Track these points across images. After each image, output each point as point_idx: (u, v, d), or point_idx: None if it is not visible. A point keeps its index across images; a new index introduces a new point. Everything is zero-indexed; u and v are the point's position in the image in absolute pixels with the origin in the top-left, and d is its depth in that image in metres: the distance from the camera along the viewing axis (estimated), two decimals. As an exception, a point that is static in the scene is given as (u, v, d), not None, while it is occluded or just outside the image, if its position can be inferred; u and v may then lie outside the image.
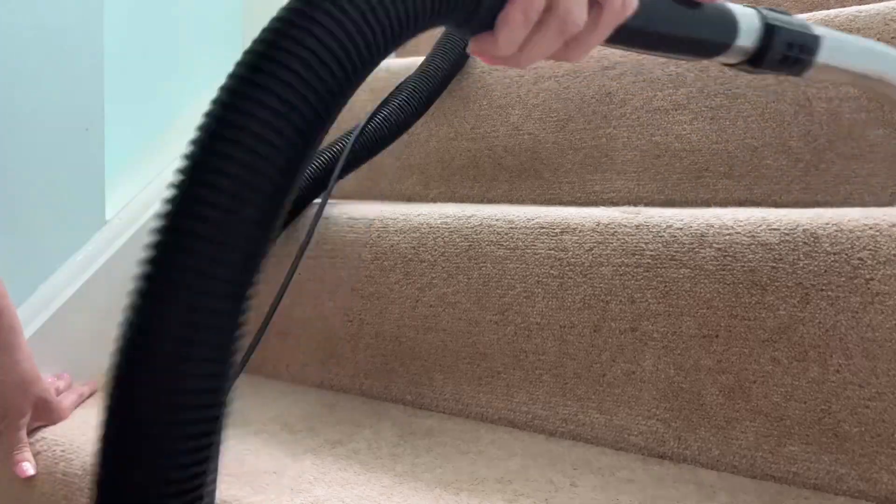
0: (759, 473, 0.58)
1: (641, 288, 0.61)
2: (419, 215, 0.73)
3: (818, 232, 0.55)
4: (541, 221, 0.66)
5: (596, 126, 0.88)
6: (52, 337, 0.80)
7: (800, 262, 0.55)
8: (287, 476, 0.58)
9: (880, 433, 0.54)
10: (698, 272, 0.59)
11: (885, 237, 0.53)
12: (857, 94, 0.74)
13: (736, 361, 0.58)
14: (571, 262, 0.64)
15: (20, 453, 0.67)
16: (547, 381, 0.66)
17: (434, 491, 0.56)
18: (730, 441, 0.59)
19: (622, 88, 0.86)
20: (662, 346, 0.61)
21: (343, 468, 0.60)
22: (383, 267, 0.74)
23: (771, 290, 0.56)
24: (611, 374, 0.63)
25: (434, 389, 0.73)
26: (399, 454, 0.63)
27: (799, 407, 0.56)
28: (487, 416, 0.70)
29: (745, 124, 0.79)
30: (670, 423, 0.61)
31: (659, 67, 0.84)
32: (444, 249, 0.70)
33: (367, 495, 0.55)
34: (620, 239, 0.62)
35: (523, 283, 0.66)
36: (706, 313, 0.59)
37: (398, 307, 0.74)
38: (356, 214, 0.77)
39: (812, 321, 0.55)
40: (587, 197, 0.89)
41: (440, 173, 0.99)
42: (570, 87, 0.89)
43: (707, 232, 0.59)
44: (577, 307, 0.64)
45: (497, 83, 0.95)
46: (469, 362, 0.70)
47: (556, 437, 0.66)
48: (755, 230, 0.57)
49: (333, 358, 0.80)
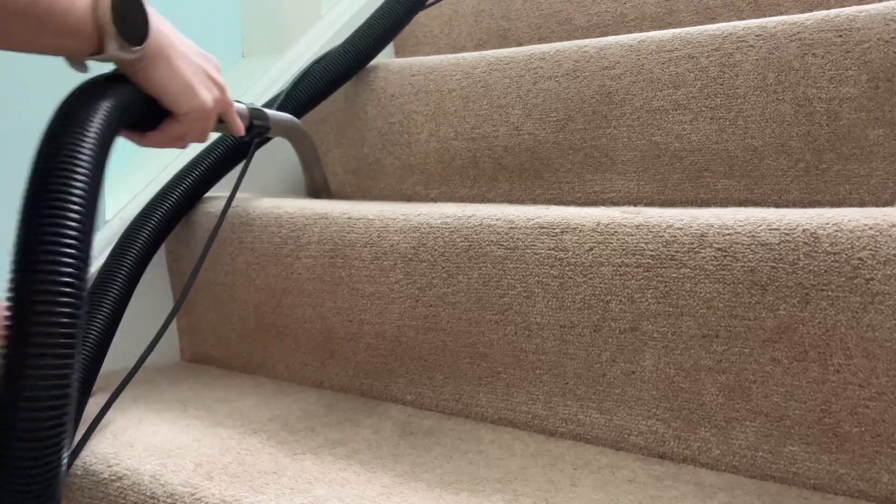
0: (759, 473, 0.58)
1: (641, 288, 0.61)
2: (419, 215, 0.73)
3: (818, 232, 0.55)
4: (541, 221, 0.66)
5: (596, 126, 0.88)
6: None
7: (800, 262, 0.55)
8: (287, 476, 0.58)
9: (880, 433, 0.54)
10: (698, 272, 0.59)
11: (885, 237, 0.53)
12: (857, 93, 0.74)
13: (736, 361, 0.58)
14: (571, 262, 0.64)
15: None
16: (547, 381, 0.66)
17: (434, 491, 0.56)
18: (730, 441, 0.59)
19: (622, 88, 0.86)
20: (662, 346, 0.61)
21: (343, 468, 0.60)
22: (383, 267, 0.74)
23: (771, 290, 0.56)
24: (611, 374, 0.63)
25: (434, 389, 0.73)
26: (399, 454, 0.63)
27: (799, 407, 0.56)
28: (487, 416, 0.70)
29: (745, 124, 0.79)
30: (670, 423, 0.61)
31: (659, 67, 0.84)
32: (444, 249, 0.70)
33: (367, 495, 0.55)
34: (620, 239, 0.62)
35: (523, 283, 0.66)
36: (706, 313, 0.59)
37: (398, 307, 0.74)
38: (356, 214, 0.77)
39: (812, 321, 0.55)
40: (587, 197, 0.89)
41: (440, 173, 1.00)
42: (570, 87, 0.89)
43: (707, 232, 0.59)
44: (577, 307, 0.64)
45: (497, 83, 0.95)
46: (469, 362, 0.70)
47: (556, 437, 0.66)
48: (755, 230, 0.57)
49: (333, 358, 0.80)
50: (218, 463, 0.61)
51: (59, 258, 0.45)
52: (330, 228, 0.78)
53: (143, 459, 0.62)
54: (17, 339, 0.45)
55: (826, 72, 0.75)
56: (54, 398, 0.45)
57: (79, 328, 0.46)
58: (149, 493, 0.58)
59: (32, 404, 0.45)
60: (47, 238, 0.45)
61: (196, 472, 0.59)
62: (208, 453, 0.62)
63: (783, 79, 0.77)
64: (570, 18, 1.18)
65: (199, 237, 0.89)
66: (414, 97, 1.01)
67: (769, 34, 0.78)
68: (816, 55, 0.76)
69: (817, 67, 0.76)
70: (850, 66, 0.74)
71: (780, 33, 0.78)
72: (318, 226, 0.79)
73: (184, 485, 0.58)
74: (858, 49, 0.74)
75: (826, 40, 0.75)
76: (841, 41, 0.75)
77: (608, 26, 1.14)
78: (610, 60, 0.87)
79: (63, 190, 0.46)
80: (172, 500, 0.57)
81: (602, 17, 1.15)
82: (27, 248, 0.45)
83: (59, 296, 0.45)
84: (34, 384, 0.44)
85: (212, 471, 0.59)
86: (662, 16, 1.10)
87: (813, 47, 0.76)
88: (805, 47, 0.76)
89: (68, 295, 0.45)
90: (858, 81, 0.74)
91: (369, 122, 1.05)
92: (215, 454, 0.62)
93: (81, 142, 0.48)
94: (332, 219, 0.79)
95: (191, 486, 0.57)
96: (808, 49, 0.76)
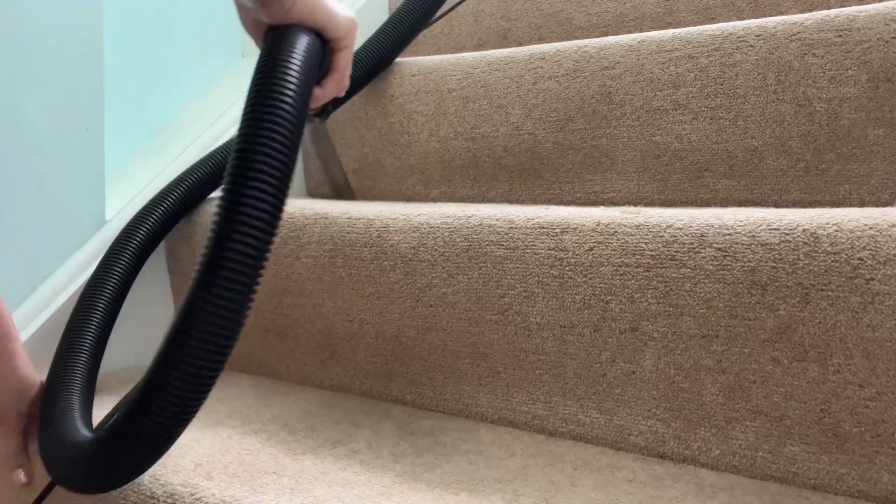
0: (759, 473, 0.58)
1: (641, 288, 0.61)
2: (419, 215, 0.73)
3: (818, 232, 0.55)
4: (541, 221, 0.66)
5: (596, 126, 0.88)
6: (52, 336, 0.80)
7: (800, 262, 0.55)
8: (287, 476, 0.58)
9: (880, 433, 0.54)
10: (698, 272, 0.59)
11: (885, 237, 0.53)
12: (857, 93, 0.74)
13: (736, 361, 0.58)
14: (571, 262, 0.64)
15: (17, 459, 0.67)
16: (547, 381, 0.66)
17: (434, 491, 0.56)
18: (730, 441, 0.59)
19: (622, 88, 0.86)
20: (662, 346, 0.61)
21: (343, 468, 0.60)
22: (383, 267, 0.74)
23: (771, 290, 0.56)
24: (611, 374, 0.63)
25: (434, 389, 0.73)
26: (399, 454, 0.63)
27: (799, 407, 0.56)
28: (487, 416, 0.70)
29: (745, 124, 0.79)
30: (670, 422, 0.61)
31: (659, 67, 0.84)
32: (444, 249, 0.70)
33: (367, 495, 0.55)
34: (620, 239, 0.62)
35: (523, 283, 0.66)
36: (706, 313, 0.59)
37: (398, 307, 0.74)
38: (356, 214, 0.77)
39: (812, 321, 0.55)
40: (587, 197, 0.89)
41: (440, 173, 0.99)
42: (570, 87, 0.89)
43: (707, 232, 0.59)
44: (577, 307, 0.64)
45: (497, 83, 0.95)
46: (469, 362, 0.70)
47: (556, 437, 0.66)
48: (755, 230, 0.57)
49: (333, 358, 0.80)
50: (218, 463, 0.60)
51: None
52: (330, 228, 0.78)
53: (143, 459, 0.62)
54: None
55: (826, 72, 0.75)
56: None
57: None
58: (149, 493, 0.58)
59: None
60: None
61: (196, 472, 0.59)
62: (208, 453, 0.62)
63: (783, 79, 0.77)
64: (570, 18, 1.18)
65: (198, 238, 0.89)
66: (414, 97, 1.01)
67: (769, 34, 0.78)
68: (816, 55, 0.76)
69: (817, 67, 0.76)
70: (850, 66, 0.74)
71: (780, 33, 0.78)
72: (318, 226, 0.79)
73: (183, 485, 0.58)
74: (858, 49, 0.74)
75: (826, 40, 0.75)
76: (841, 41, 0.75)
77: (608, 26, 1.14)
78: (610, 60, 0.87)
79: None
80: (172, 500, 0.57)
81: (602, 17, 1.15)
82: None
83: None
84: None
85: (211, 471, 0.59)
86: (662, 16, 1.10)
87: (813, 47, 0.76)
88: (805, 47, 0.76)
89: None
90: (858, 81, 0.74)
91: (369, 122, 1.05)
92: (215, 454, 0.62)
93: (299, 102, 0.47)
94: (332, 219, 0.79)
95: (190, 486, 0.57)
96: (808, 49, 0.76)
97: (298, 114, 0.46)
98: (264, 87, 0.46)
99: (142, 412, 0.45)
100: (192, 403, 0.45)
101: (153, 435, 0.46)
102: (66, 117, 0.82)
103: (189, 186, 0.87)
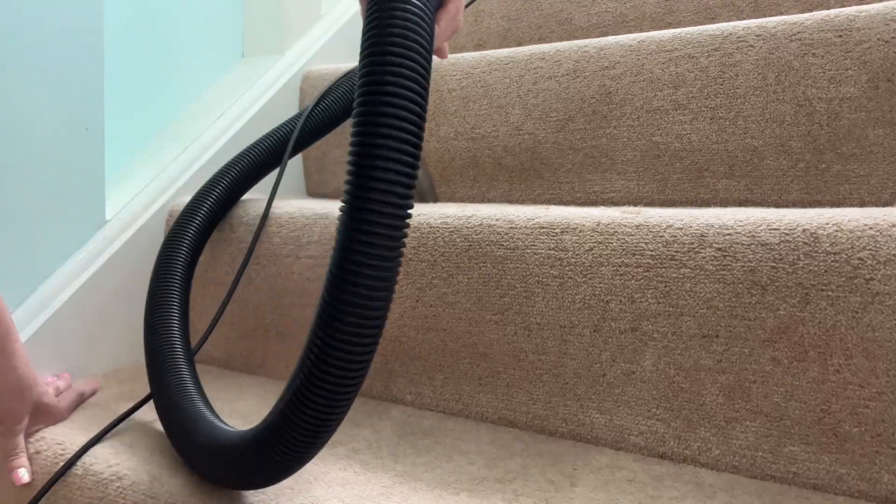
0: (759, 473, 0.58)
1: (641, 288, 0.61)
2: (419, 215, 0.73)
3: (818, 232, 0.55)
4: (541, 221, 0.66)
5: (596, 126, 0.88)
6: (52, 336, 0.80)
7: (800, 262, 0.55)
8: (287, 476, 0.58)
9: (880, 433, 0.54)
10: (698, 272, 0.59)
11: (885, 237, 0.53)
12: (857, 93, 0.74)
13: (736, 361, 0.58)
14: (571, 262, 0.64)
15: (17, 459, 0.67)
16: (547, 381, 0.66)
17: (434, 491, 0.56)
18: (730, 441, 0.59)
19: (622, 88, 0.86)
20: (662, 346, 0.61)
21: (343, 468, 0.60)
22: (383, 267, 0.74)
23: (771, 290, 0.56)
24: (611, 374, 0.63)
25: (434, 389, 0.73)
26: (399, 454, 0.63)
27: (799, 407, 0.56)
28: (487, 416, 0.70)
29: (745, 124, 0.79)
30: (670, 423, 0.61)
31: (659, 67, 0.84)
32: (444, 249, 0.70)
33: (367, 495, 0.55)
34: (620, 239, 0.62)
35: (523, 283, 0.66)
36: (706, 313, 0.59)
37: (398, 307, 0.74)
38: (356, 214, 0.77)
39: (812, 321, 0.55)
40: (587, 197, 0.89)
41: (440, 173, 0.99)
42: (570, 87, 0.89)
43: (707, 232, 0.59)
44: (577, 307, 0.64)
45: (497, 83, 0.95)
46: (469, 362, 0.70)
47: (556, 437, 0.66)
48: (755, 230, 0.57)
49: (333, 358, 0.80)
50: (218, 463, 0.60)
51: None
52: (330, 228, 0.78)
53: (144, 460, 0.62)
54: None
55: (826, 72, 0.75)
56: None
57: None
58: (149, 493, 0.58)
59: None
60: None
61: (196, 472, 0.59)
62: (208, 453, 0.62)
63: (783, 79, 0.77)
64: (571, 18, 1.18)
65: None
66: (414, 97, 1.01)
67: (769, 34, 0.78)
68: (816, 55, 0.76)
69: (817, 67, 0.76)
70: (850, 66, 0.74)
71: (780, 33, 0.78)
72: (318, 226, 0.79)
73: (183, 485, 0.58)
74: (858, 49, 0.74)
75: (826, 40, 0.75)
76: (841, 41, 0.75)
77: (608, 26, 1.14)
78: (610, 60, 0.87)
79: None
80: (172, 500, 0.57)
81: (602, 17, 1.15)
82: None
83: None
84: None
85: (212, 471, 0.59)
86: (662, 16, 1.10)
87: (813, 47, 0.76)
88: (805, 47, 0.76)
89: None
90: (858, 81, 0.74)
91: (369, 122, 1.04)
92: (215, 454, 0.62)
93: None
94: (332, 219, 0.79)
95: (190, 486, 0.57)
96: (808, 49, 0.76)
97: (428, 53, 0.45)
98: (382, 18, 0.43)
99: (301, 405, 0.46)
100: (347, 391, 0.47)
101: (313, 429, 0.47)
102: (66, 117, 0.82)
103: (248, 163, 0.87)
